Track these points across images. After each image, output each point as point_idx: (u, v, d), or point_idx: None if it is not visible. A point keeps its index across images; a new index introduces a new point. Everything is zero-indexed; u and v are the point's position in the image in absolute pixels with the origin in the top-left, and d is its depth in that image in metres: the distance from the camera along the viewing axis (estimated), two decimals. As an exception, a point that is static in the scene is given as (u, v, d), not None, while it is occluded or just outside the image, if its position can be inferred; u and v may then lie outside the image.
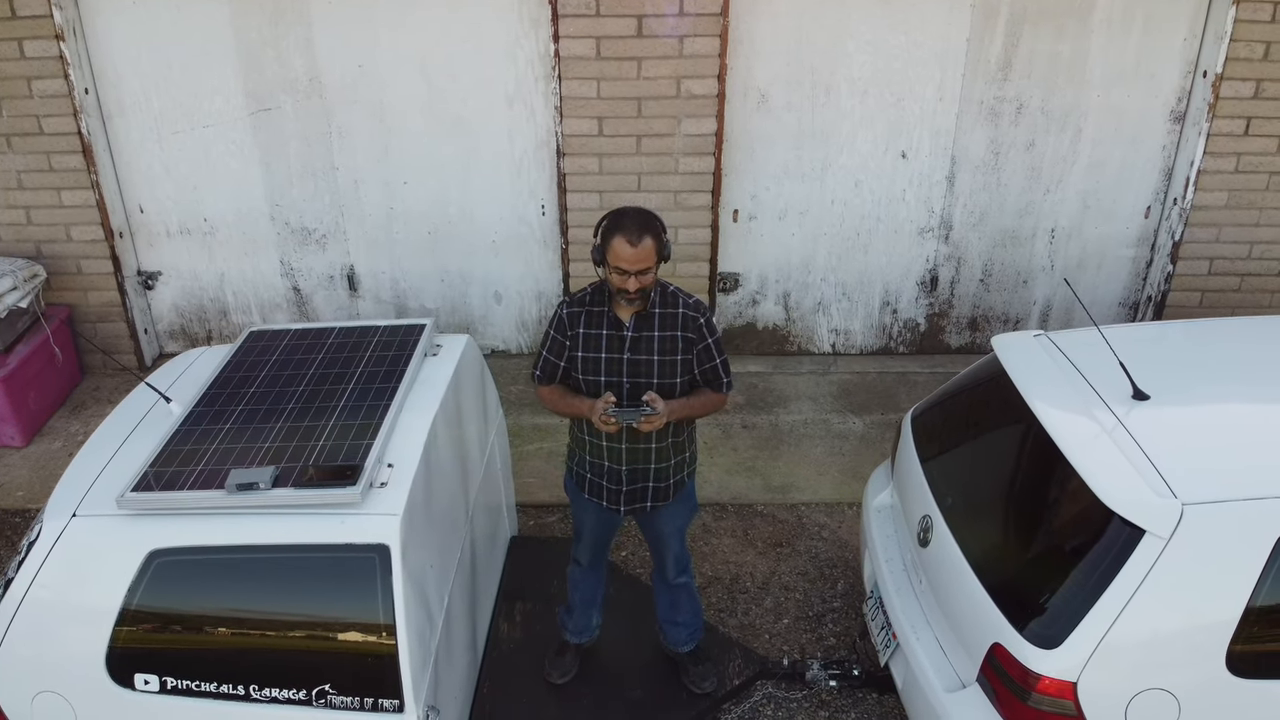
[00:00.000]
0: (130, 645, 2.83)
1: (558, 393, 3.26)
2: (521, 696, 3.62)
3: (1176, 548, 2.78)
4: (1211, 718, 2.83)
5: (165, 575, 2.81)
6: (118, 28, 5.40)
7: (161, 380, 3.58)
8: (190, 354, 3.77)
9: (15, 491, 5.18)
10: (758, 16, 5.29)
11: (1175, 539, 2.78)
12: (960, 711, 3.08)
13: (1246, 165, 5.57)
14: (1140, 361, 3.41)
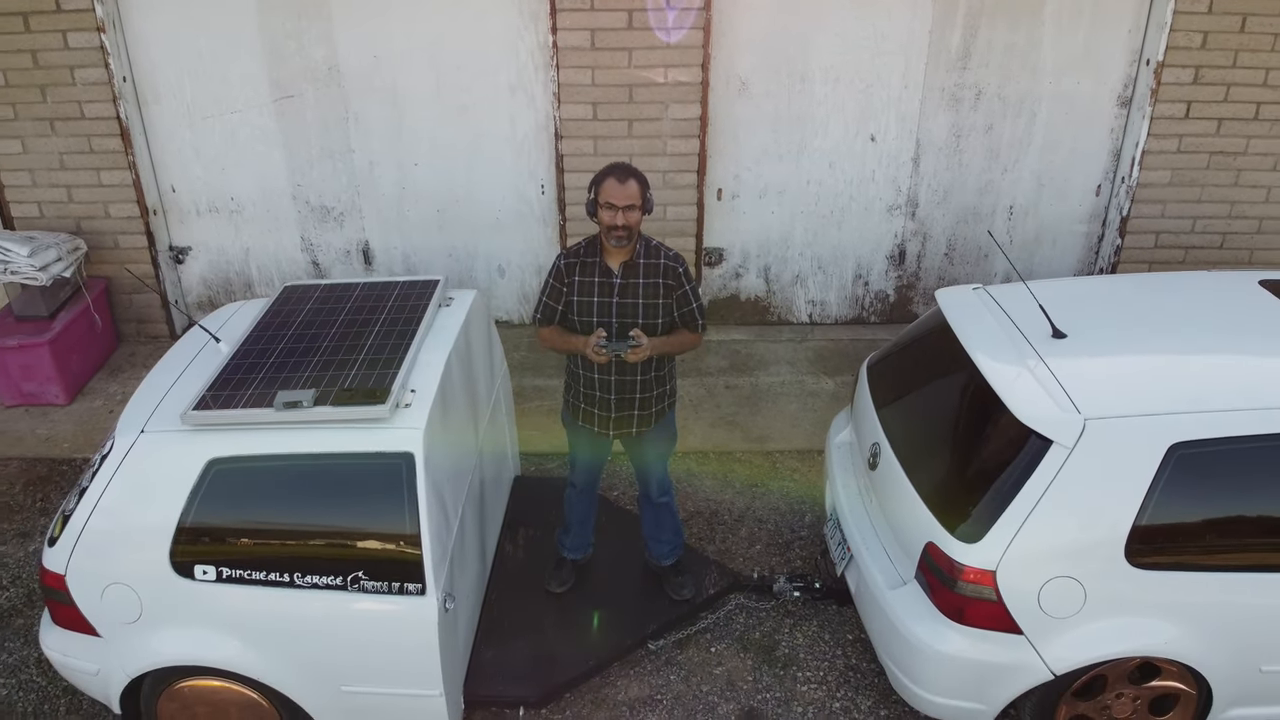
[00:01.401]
0: (191, 541, 3.33)
1: (556, 332, 3.77)
2: (525, 602, 4.13)
3: (1080, 455, 3.29)
4: (1111, 599, 3.33)
5: (222, 480, 3.31)
6: (153, 21, 5.91)
7: (209, 325, 4.08)
8: (232, 305, 4.28)
9: (62, 444, 5.69)
10: (738, 11, 5.79)
11: (1078, 448, 3.29)
12: (902, 604, 3.59)
13: (1188, 146, 6.08)
14: (1062, 308, 3.92)
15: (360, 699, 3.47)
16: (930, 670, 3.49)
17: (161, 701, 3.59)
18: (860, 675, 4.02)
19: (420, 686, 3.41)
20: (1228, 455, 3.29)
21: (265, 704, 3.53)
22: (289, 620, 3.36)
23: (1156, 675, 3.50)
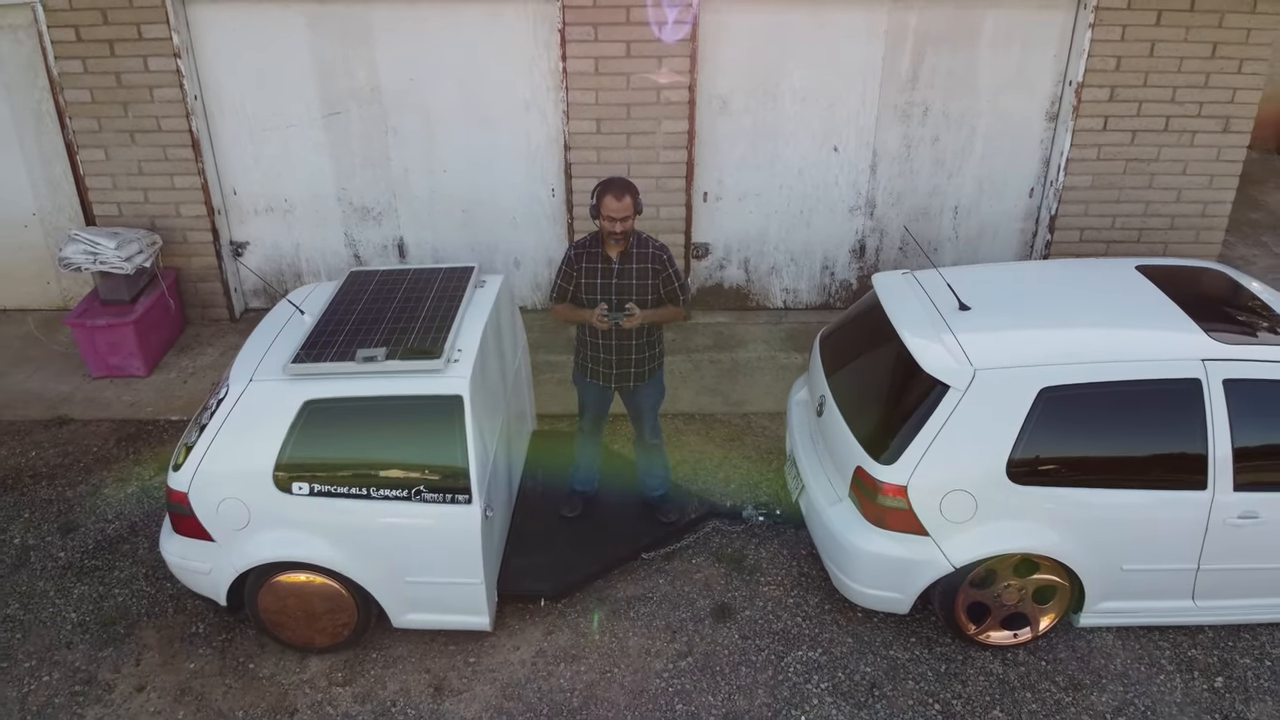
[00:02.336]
0: (290, 464, 4.34)
1: (568, 307, 4.78)
2: (543, 524, 5.15)
3: (970, 396, 4.30)
4: (996, 509, 4.34)
5: (314, 417, 4.32)
6: (221, 48, 6.92)
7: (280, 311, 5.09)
8: (307, 287, 5.30)
9: (145, 408, 6.71)
10: (720, 41, 6.81)
11: (970, 391, 4.30)
12: (838, 516, 4.61)
13: (1106, 154, 7.10)
14: (971, 288, 4.93)
15: (419, 588, 4.49)
16: (860, 567, 4.50)
17: (261, 594, 4.59)
18: (809, 580, 5.04)
19: (466, 576, 4.43)
20: (1085, 397, 4.30)
21: (344, 593, 4.54)
22: (366, 525, 4.37)
23: (1037, 570, 4.52)
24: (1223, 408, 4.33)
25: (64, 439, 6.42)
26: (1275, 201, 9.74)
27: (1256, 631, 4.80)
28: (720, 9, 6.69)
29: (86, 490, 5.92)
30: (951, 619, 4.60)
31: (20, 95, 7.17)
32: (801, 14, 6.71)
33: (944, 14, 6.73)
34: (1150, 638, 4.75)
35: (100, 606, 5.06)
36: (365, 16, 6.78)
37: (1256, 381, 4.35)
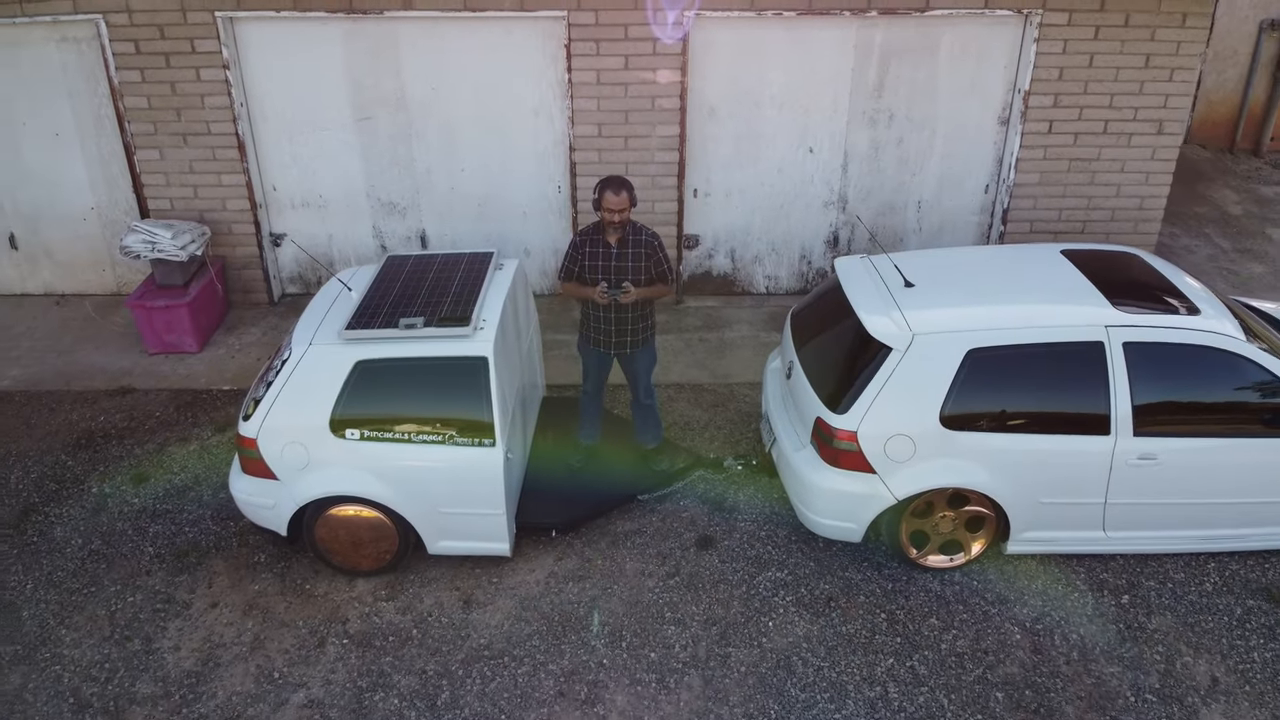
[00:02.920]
0: (344, 413, 5.19)
1: (574, 284, 5.65)
2: (554, 472, 6.01)
3: (910, 357, 5.17)
4: (932, 450, 5.20)
5: (364, 375, 5.17)
6: (265, 60, 7.79)
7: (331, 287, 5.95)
8: (350, 270, 6.16)
9: (199, 379, 7.57)
10: (708, 55, 7.67)
11: (909, 352, 5.17)
12: (801, 459, 5.47)
13: (1051, 154, 7.96)
14: (916, 269, 5.80)
15: (451, 518, 5.36)
16: (819, 501, 5.37)
17: (316, 526, 5.46)
18: (779, 517, 5.91)
19: (490, 508, 5.29)
20: (1006, 357, 5.17)
21: (387, 524, 5.40)
22: (407, 465, 5.24)
23: (968, 503, 5.38)
24: (1122, 366, 5.19)
25: (128, 406, 7.29)
26: (1221, 197, 10.60)
27: (1162, 560, 5.66)
28: (708, 27, 7.55)
29: (153, 448, 6.79)
30: (896, 545, 5.47)
31: (82, 101, 8.04)
32: (780, 31, 7.57)
33: (906, 30, 7.60)
34: (1068, 563, 5.62)
35: (173, 542, 5.93)
36: (393, 33, 7.65)
37: (1151, 345, 5.22)
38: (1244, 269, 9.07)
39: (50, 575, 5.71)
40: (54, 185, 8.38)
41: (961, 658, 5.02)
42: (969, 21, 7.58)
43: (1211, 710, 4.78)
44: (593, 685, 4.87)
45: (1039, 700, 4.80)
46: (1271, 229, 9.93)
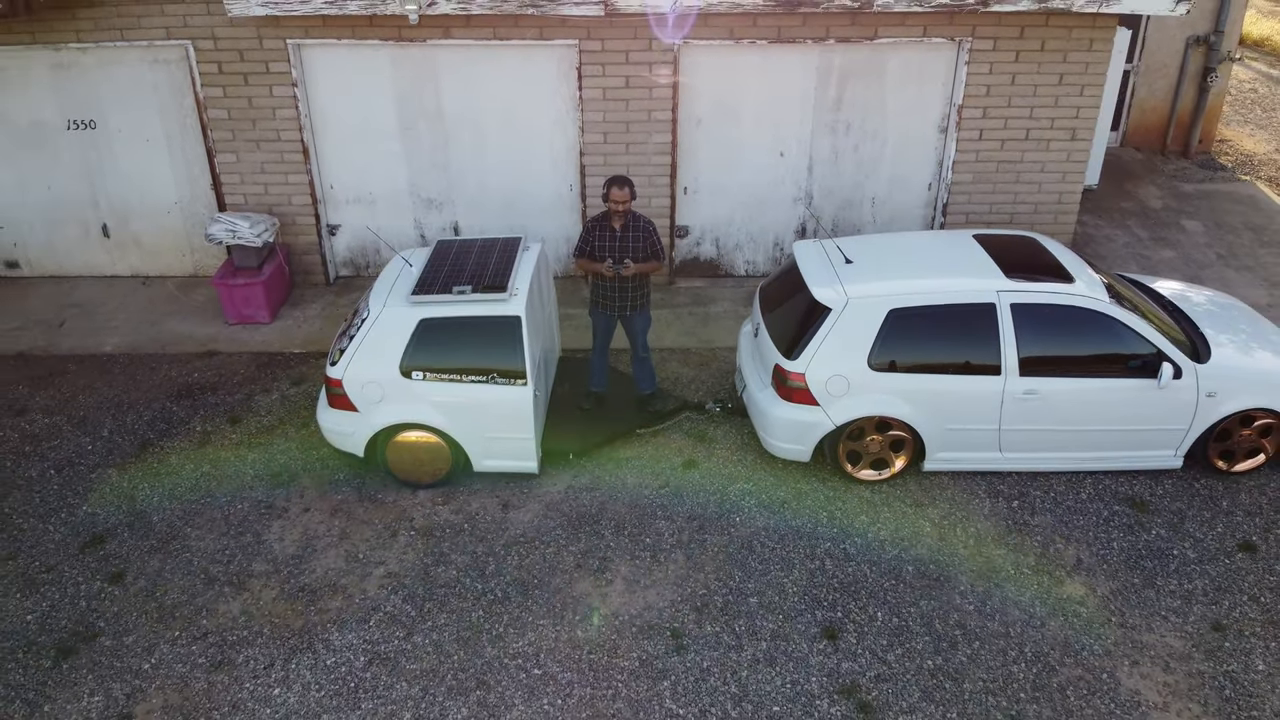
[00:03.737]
0: (409, 359, 6.74)
1: (586, 260, 7.21)
2: (569, 412, 7.58)
3: (845, 315, 6.73)
4: (862, 387, 6.75)
5: (427, 330, 6.72)
6: (327, 79, 9.33)
7: (396, 263, 7.50)
8: (408, 250, 7.72)
9: (273, 345, 9.13)
10: (695, 76, 9.21)
11: (844, 312, 6.73)
12: (764, 397, 7.03)
13: (982, 158, 9.51)
14: (857, 250, 7.35)
15: (493, 441, 6.91)
16: (777, 428, 6.93)
17: (388, 448, 7.01)
18: (748, 446, 7.46)
19: (522, 433, 6.85)
20: (919, 314, 6.72)
21: (443, 446, 6.95)
22: (459, 400, 6.78)
23: (891, 429, 6.94)
24: (1009, 322, 6.75)
25: (215, 365, 8.85)
26: (1145, 193, 12.16)
27: (1048, 476, 7.21)
28: (695, 52, 9.10)
29: (241, 397, 8.36)
30: (836, 462, 7.03)
31: (170, 113, 9.59)
32: (755, 56, 9.12)
33: (859, 55, 9.15)
34: (972, 478, 7.18)
35: (269, 466, 7.49)
36: (433, 57, 9.20)
37: (1032, 305, 6.77)
38: (1155, 255, 10.63)
39: (171, 490, 7.27)
40: (143, 183, 9.93)
41: (884, 543, 6.58)
42: (911, 48, 9.13)
43: (1074, 581, 6.34)
44: (603, 560, 6.44)
45: (940, 571, 6.36)
46: (1186, 220, 11.48)
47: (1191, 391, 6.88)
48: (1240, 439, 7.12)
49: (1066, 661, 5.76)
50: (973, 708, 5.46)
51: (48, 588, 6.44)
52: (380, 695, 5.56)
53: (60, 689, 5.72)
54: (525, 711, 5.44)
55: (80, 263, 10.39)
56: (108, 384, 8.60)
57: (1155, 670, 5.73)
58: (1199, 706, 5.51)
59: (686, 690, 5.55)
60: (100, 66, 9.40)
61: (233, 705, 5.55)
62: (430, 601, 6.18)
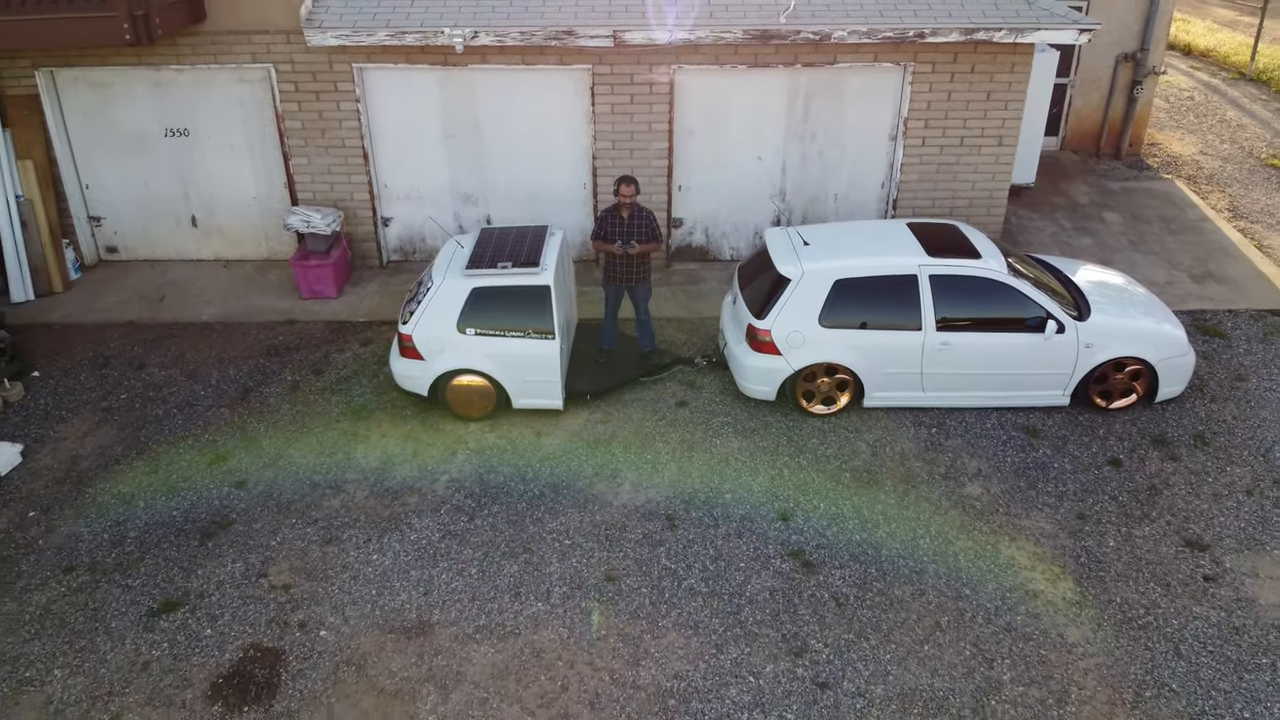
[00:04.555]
0: (464, 318, 8.72)
1: (600, 242, 9.21)
2: (586, 364, 9.58)
3: (801, 285, 8.72)
4: (814, 340, 8.74)
5: (477, 297, 8.69)
6: (384, 96, 11.31)
7: (450, 245, 9.48)
8: (459, 236, 9.72)
9: (340, 315, 11.11)
10: (688, 93, 11.19)
11: (800, 282, 8.73)
12: (739, 350, 9.02)
13: (925, 161, 11.49)
14: (814, 235, 9.34)
15: (527, 384, 8.90)
16: (749, 374, 8.92)
17: (446, 389, 9.00)
18: (727, 391, 9.45)
19: (550, 377, 8.84)
20: (859, 283, 8.70)
21: (490, 387, 8.94)
22: (503, 351, 8.77)
23: (837, 373, 8.93)
24: (928, 289, 8.72)
25: (295, 331, 10.84)
26: (1075, 190, 14.13)
27: (961, 410, 9.19)
28: (688, 74, 11.08)
29: (320, 355, 10.34)
30: (794, 399, 9.02)
31: (252, 123, 11.57)
32: (737, 78, 11.10)
33: (823, 77, 11.13)
34: (901, 412, 9.16)
35: (350, 405, 9.47)
36: (471, 78, 11.18)
37: (946, 276, 8.74)
38: (1076, 241, 12.61)
39: (273, 423, 9.26)
40: (227, 182, 11.92)
41: (829, 458, 8.57)
42: (865, 70, 11.11)
43: (973, 483, 8.32)
44: (614, 471, 8.43)
45: (870, 477, 8.35)
46: (1107, 213, 13.46)
47: (1073, 343, 8.86)
48: (1115, 382, 9.10)
49: (961, 537, 7.75)
50: (887, 566, 7.45)
51: (186, 493, 8.43)
52: (452, 558, 7.56)
53: (208, 560, 7.71)
54: (560, 568, 7.44)
55: (171, 249, 12.38)
56: (209, 345, 10.60)
57: (1029, 544, 7.72)
58: (1059, 569, 7.49)
59: (677, 554, 7.55)
60: (195, 85, 11.38)
61: (342, 566, 7.55)
62: (485, 497, 8.18)
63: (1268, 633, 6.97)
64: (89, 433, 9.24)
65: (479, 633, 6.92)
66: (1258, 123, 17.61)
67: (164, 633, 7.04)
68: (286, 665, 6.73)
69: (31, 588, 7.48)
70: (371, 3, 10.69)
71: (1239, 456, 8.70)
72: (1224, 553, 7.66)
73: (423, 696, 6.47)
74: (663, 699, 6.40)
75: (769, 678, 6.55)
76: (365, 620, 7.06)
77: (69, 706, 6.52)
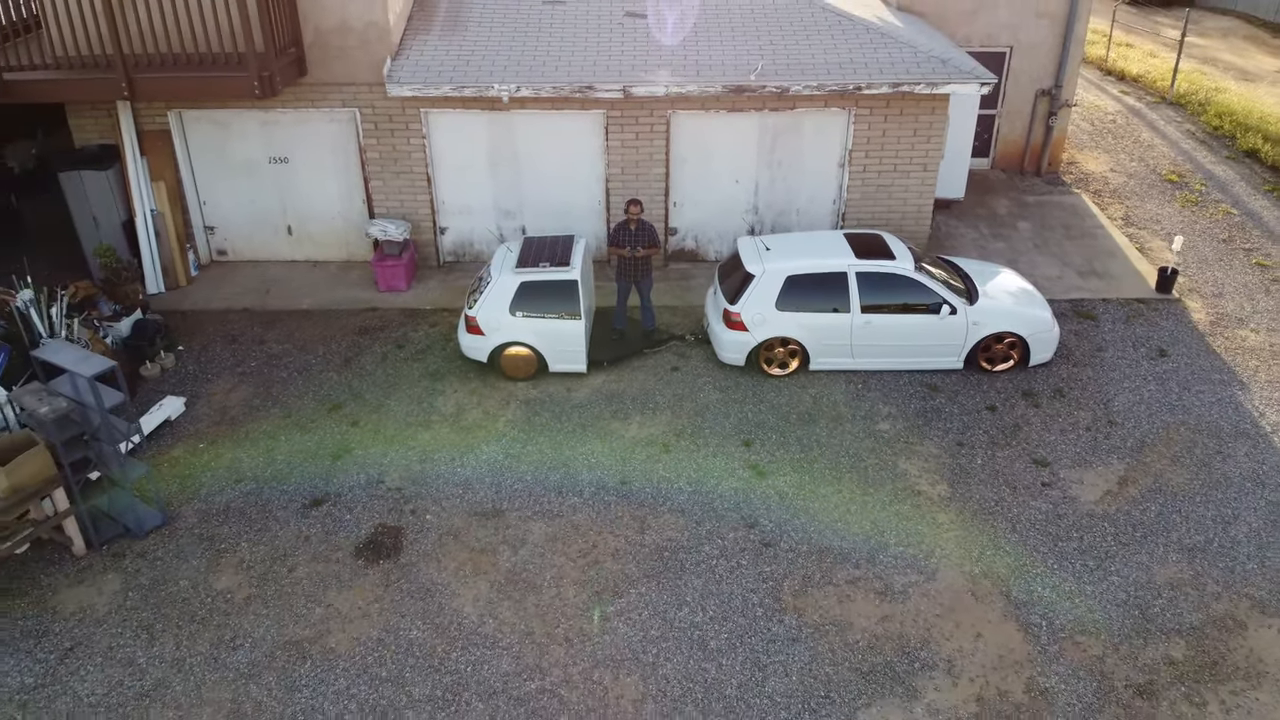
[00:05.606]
0: (514, 304, 11.92)
1: (614, 248, 12.43)
2: (602, 340, 12.80)
3: (762, 280, 11.94)
4: (772, 320, 11.95)
5: (524, 288, 11.91)
6: (443, 133, 14.50)
7: (501, 249, 12.69)
8: (506, 243, 12.93)
9: (412, 304, 14.30)
10: (681, 130, 14.37)
11: (761, 277, 11.95)
12: (719, 328, 12.24)
13: (866, 184, 14.68)
14: (774, 243, 12.55)
15: (560, 353, 12.09)
16: (725, 346, 12.15)
17: (500, 357, 12.21)
18: (709, 359, 12.65)
19: (577, 347, 12.05)
20: (805, 279, 11.91)
21: (533, 356, 12.14)
22: (543, 328, 11.97)
23: (790, 344, 12.13)
24: (855, 282, 11.93)
25: (377, 316, 14.04)
26: (997, 203, 17.31)
27: (881, 373, 12.39)
28: (681, 117, 14.26)
29: (400, 333, 13.55)
30: (758, 364, 12.23)
31: (339, 153, 14.76)
32: (720, 119, 14.29)
33: (786, 119, 14.31)
34: (837, 374, 12.35)
35: (426, 370, 12.68)
36: (511, 119, 14.37)
37: (868, 273, 11.95)
38: (990, 245, 15.79)
39: (371, 382, 12.46)
40: (317, 199, 15.12)
41: (781, 404, 11.78)
42: (818, 113, 14.30)
43: (884, 422, 11.51)
44: (625, 414, 11.64)
45: (810, 417, 11.55)
46: (1020, 222, 16.65)
47: (963, 322, 12.05)
48: (996, 350, 12.30)
49: (870, 458, 10.94)
50: (817, 474, 10.64)
51: (314, 430, 11.63)
52: (513, 470, 10.76)
53: (339, 473, 10.90)
54: (588, 476, 10.63)
55: (269, 252, 15.59)
56: (311, 326, 13.81)
57: (918, 461, 10.91)
58: (938, 477, 10.67)
59: (670, 467, 10.76)
60: (295, 123, 14.59)
61: (436, 475, 10.75)
62: (534, 431, 11.39)
63: (1081, 519, 10.15)
64: (231, 390, 12.45)
65: (535, 515, 10.13)
66: (1167, 143, 20.78)
67: (316, 519, 10.24)
68: (405, 536, 9.94)
69: (213, 494, 10.68)
70: (437, 63, 13.89)
71: (1085, 404, 11.90)
72: (1060, 468, 10.85)
73: (500, 553, 9.68)
74: (659, 552, 9.61)
75: (730, 540, 9.76)
76: (456, 509, 10.27)
77: (256, 564, 9.71)
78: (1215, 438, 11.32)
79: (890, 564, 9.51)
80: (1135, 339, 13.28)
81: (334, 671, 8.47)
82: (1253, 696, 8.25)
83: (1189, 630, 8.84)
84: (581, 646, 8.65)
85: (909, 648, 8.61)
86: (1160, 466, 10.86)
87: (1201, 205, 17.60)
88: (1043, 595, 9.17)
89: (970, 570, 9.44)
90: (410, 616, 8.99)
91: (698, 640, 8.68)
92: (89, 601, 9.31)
